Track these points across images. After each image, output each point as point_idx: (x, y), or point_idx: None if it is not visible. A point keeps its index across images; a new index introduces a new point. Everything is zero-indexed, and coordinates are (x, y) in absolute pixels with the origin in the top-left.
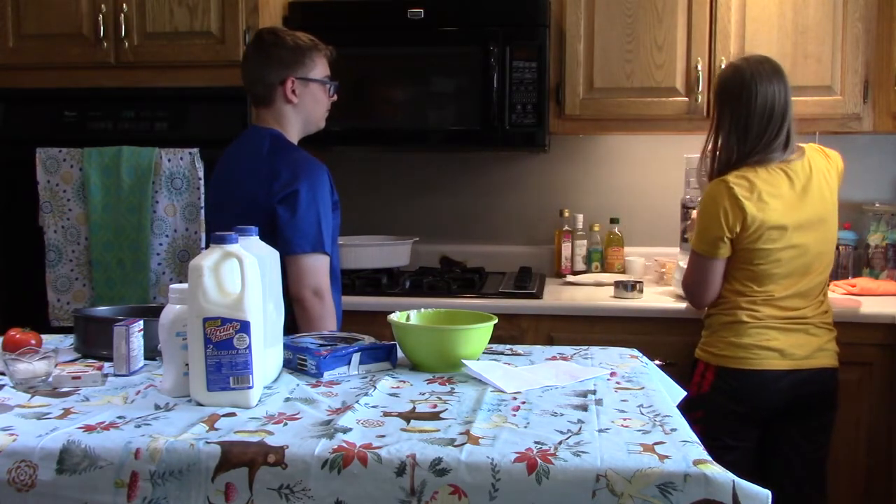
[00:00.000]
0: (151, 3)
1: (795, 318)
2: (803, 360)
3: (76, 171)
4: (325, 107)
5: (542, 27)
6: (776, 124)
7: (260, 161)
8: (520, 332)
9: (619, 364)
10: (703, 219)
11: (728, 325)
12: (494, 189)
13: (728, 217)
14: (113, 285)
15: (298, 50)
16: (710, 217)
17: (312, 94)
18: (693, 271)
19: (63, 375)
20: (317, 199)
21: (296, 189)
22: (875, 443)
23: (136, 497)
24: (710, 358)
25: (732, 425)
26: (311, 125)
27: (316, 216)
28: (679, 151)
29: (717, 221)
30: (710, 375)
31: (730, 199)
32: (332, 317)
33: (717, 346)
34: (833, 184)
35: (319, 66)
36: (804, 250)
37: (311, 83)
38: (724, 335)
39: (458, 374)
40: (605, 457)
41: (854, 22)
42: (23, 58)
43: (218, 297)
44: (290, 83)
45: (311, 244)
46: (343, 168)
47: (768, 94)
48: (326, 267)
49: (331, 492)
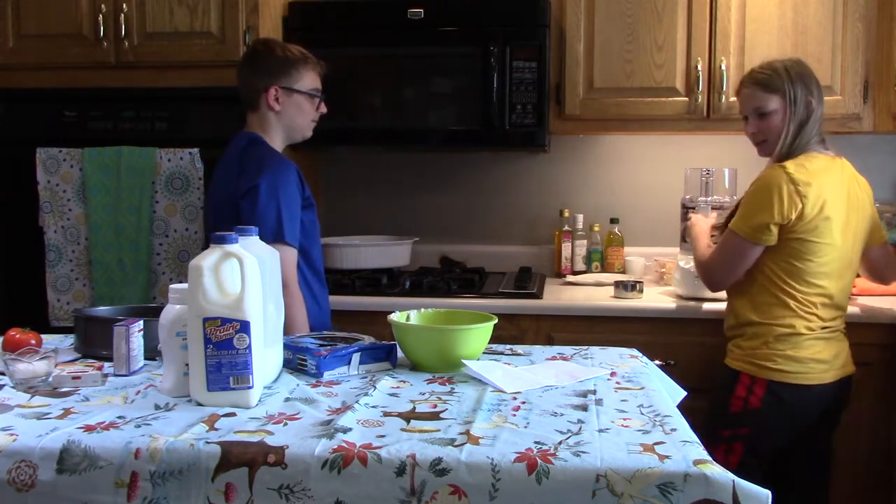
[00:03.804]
0: (151, 3)
1: (832, 326)
2: (840, 369)
3: (76, 171)
4: (311, 118)
5: (542, 27)
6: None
7: (233, 161)
8: (520, 332)
9: (619, 364)
10: (755, 201)
11: (784, 336)
12: (494, 189)
13: (784, 203)
14: (113, 285)
15: (286, 61)
16: (763, 201)
17: (297, 104)
18: (725, 252)
19: (63, 375)
20: (278, 192)
21: (256, 183)
22: (875, 443)
23: (136, 497)
24: (762, 372)
25: (780, 440)
26: (295, 133)
27: (276, 209)
28: (679, 151)
29: (770, 206)
30: (760, 390)
31: (789, 184)
32: (299, 306)
33: (773, 359)
34: (867, 199)
35: (307, 78)
36: (844, 251)
37: (295, 93)
38: (781, 348)
39: (458, 374)
40: (605, 457)
41: (854, 22)
42: (23, 58)
43: (218, 297)
44: (273, 91)
45: (271, 234)
46: (343, 168)
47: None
48: (291, 258)
49: (331, 492)
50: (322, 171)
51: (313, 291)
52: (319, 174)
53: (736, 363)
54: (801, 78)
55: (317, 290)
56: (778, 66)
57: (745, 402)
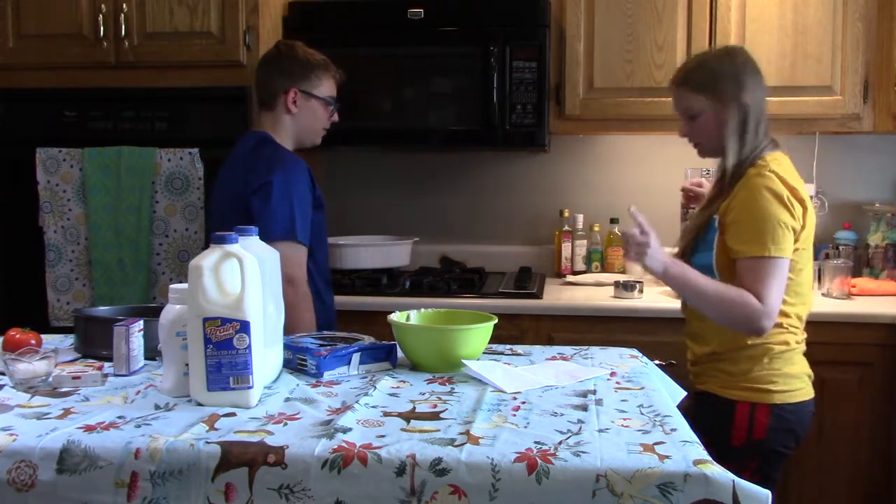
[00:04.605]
0: (151, 3)
1: (804, 338)
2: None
3: (76, 171)
4: (324, 124)
5: (542, 27)
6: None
7: (241, 159)
8: (520, 332)
9: (619, 364)
10: (762, 212)
11: (779, 354)
12: (494, 189)
13: (792, 203)
14: (113, 285)
15: (308, 64)
16: (772, 208)
17: (312, 110)
18: (771, 283)
19: (63, 375)
20: (291, 190)
21: (269, 180)
22: (875, 443)
23: (136, 497)
24: (764, 396)
25: (788, 460)
26: (306, 138)
27: (289, 206)
28: (679, 151)
29: (783, 211)
30: (764, 418)
31: (782, 183)
32: (307, 305)
33: (773, 380)
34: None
35: (325, 84)
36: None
37: (313, 99)
38: (778, 367)
39: (458, 374)
40: (605, 457)
41: (854, 22)
42: (23, 58)
43: (218, 297)
44: (292, 93)
45: (283, 231)
46: (343, 168)
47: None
48: (301, 257)
49: (331, 492)
50: (322, 171)
51: (319, 292)
52: (320, 174)
53: (728, 391)
54: (731, 73)
55: (322, 290)
56: (705, 61)
57: (749, 433)
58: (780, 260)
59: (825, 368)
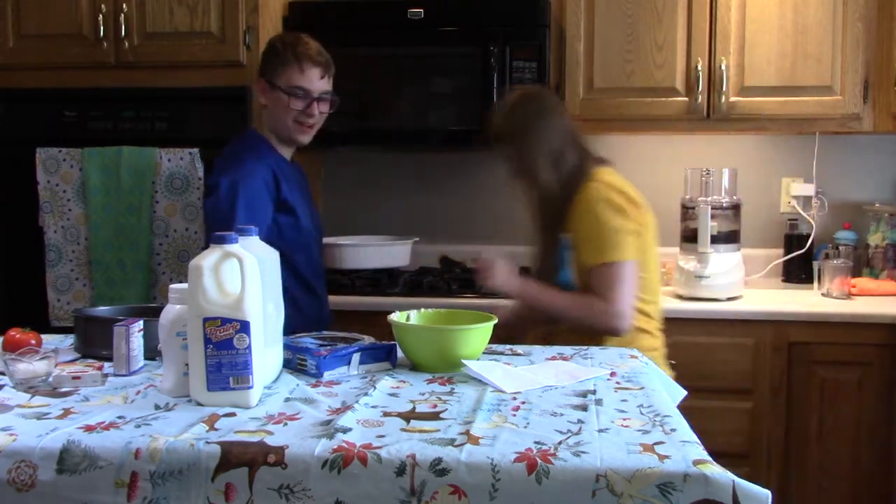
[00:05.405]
0: (151, 3)
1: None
2: None
3: (76, 171)
4: (292, 115)
5: (542, 27)
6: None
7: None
8: None
9: (619, 364)
10: (598, 222)
11: (652, 360)
12: (494, 189)
13: (625, 208)
14: (113, 285)
15: (271, 52)
16: (607, 216)
17: (275, 100)
18: (617, 286)
19: (63, 375)
20: (237, 193)
21: (217, 181)
22: (875, 443)
23: (136, 497)
24: None
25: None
26: (281, 131)
27: (232, 208)
28: (679, 151)
29: (617, 217)
30: None
31: (612, 190)
32: None
33: None
34: None
35: (287, 73)
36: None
37: (277, 89)
38: None
39: (458, 374)
40: (604, 457)
41: (854, 22)
42: (23, 58)
43: (218, 297)
44: (261, 84)
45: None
46: (343, 168)
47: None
48: None
49: (331, 492)
50: (322, 171)
51: (295, 298)
52: (319, 174)
53: None
54: (520, 127)
55: (298, 295)
56: (497, 123)
57: None
58: (623, 263)
59: (825, 368)
